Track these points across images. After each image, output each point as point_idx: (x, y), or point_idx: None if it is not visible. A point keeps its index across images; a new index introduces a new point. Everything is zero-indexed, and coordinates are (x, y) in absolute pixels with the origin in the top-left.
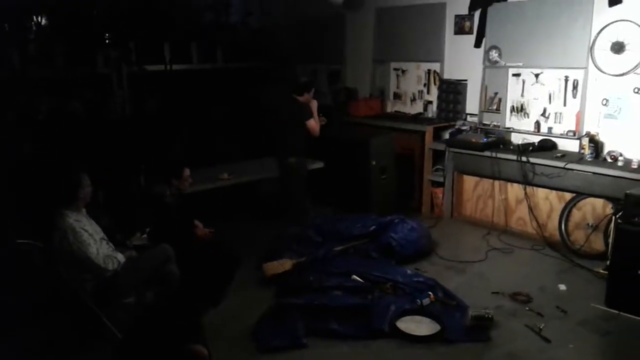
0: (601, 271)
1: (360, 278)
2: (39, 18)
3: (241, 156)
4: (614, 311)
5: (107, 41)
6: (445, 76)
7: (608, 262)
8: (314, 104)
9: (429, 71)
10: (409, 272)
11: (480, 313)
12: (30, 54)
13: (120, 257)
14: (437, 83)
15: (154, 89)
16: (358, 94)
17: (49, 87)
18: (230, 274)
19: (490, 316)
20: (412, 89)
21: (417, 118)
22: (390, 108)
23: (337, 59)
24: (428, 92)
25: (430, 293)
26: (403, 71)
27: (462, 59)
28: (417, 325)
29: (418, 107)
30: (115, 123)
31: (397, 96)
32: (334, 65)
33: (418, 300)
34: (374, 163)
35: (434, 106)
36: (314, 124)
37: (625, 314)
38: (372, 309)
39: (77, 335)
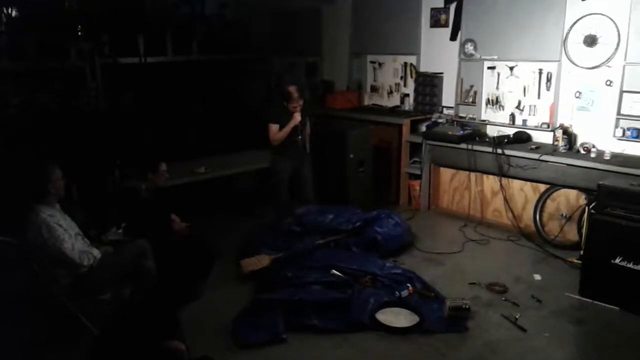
0: (575, 261)
1: (340, 272)
2: (10, 9)
3: (218, 150)
4: (587, 300)
5: (79, 33)
6: (422, 69)
7: (581, 252)
8: (295, 118)
9: (405, 64)
10: (387, 264)
11: (457, 304)
12: (0, 46)
13: (96, 253)
14: (414, 76)
15: (128, 82)
16: (335, 86)
17: (20, 80)
18: (208, 268)
19: (467, 307)
20: (389, 82)
21: (394, 111)
22: (367, 101)
23: (314, 52)
24: (405, 85)
25: (408, 285)
26: (380, 64)
27: (438, 52)
28: (396, 317)
29: (395, 100)
30: (89, 116)
31: (374, 89)
32: (311, 58)
33: (397, 292)
34: (351, 156)
35: (411, 99)
36: (272, 129)
37: (599, 303)
38: (352, 302)
39: (52, 332)
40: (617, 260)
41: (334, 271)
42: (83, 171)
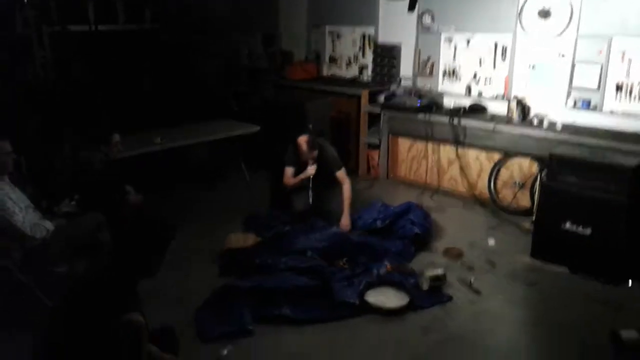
0: (527, 226)
1: (317, 254)
2: None
3: (174, 121)
4: (538, 263)
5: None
6: (380, 40)
7: (533, 218)
8: (308, 171)
9: (363, 35)
10: (356, 240)
11: (435, 273)
12: None
13: (49, 225)
14: (372, 47)
15: (78, 51)
16: (294, 57)
17: None
18: (165, 242)
19: (443, 274)
20: (348, 53)
21: (353, 82)
22: (326, 72)
23: (272, 21)
24: (363, 56)
25: (386, 262)
26: (338, 35)
27: (396, 23)
28: (386, 297)
29: (353, 71)
30: (38, 86)
31: (332, 60)
32: (269, 28)
33: (375, 270)
34: (310, 126)
35: (369, 70)
36: (286, 172)
37: (549, 265)
38: (334, 285)
39: (6, 307)
40: (567, 225)
41: (310, 253)
42: (32, 143)
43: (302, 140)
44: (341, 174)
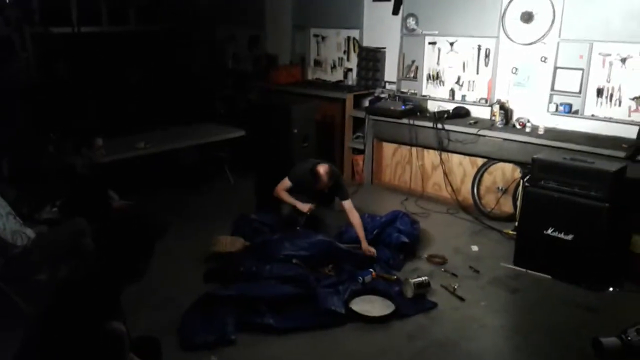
0: (510, 232)
1: (302, 261)
2: None
3: (160, 124)
4: (521, 269)
5: (6, 0)
6: (365, 43)
7: (516, 224)
8: (303, 207)
9: (348, 38)
10: (344, 247)
11: (419, 280)
12: None
13: (30, 233)
14: (357, 50)
15: (61, 53)
16: (279, 60)
17: None
18: (148, 248)
19: (427, 281)
20: (333, 56)
21: (338, 85)
22: (310, 75)
23: (256, 23)
24: (348, 60)
25: (371, 270)
26: (323, 38)
27: (381, 27)
28: (371, 306)
29: (338, 75)
30: (20, 88)
31: (317, 63)
32: (253, 30)
33: (360, 278)
34: (295, 131)
35: (354, 74)
36: (283, 182)
37: (532, 272)
38: (319, 292)
39: None
40: (549, 231)
41: (296, 261)
42: (14, 146)
43: (323, 169)
44: (348, 204)
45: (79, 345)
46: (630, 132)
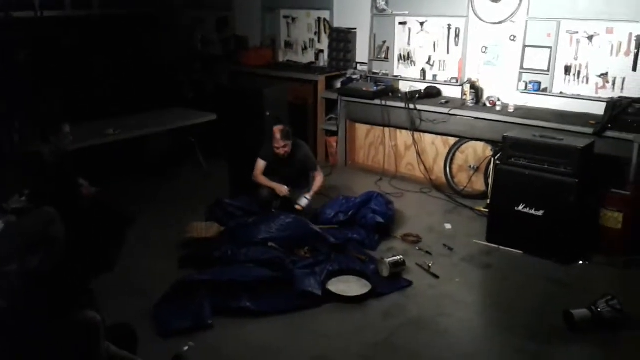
0: (482, 209)
1: (278, 245)
2: None
3: (127, 110)
4: (493, 246)
5: None
6: (335, 24)
7: (488, 201)
8: (280, 189)
9: (319, 19)
10: (317, 229)
11: (395, 260)
12: None
13: None
14: (328, 31)
15: (23, 38)
16: (249, 42)
17: None
18: (121, 234)
19: (402, 260)
20: (303, 38)
21: (309, 67)
22: (282, 57)
23: (225, 5)
24: (319, 41)
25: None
26: (293, 19)
27: (351, 7)
28: (347, 286)
29: (310, 56)
30: None
31: (288, 45)
32: (222, 12)
33: (336, 258)
34: (268, 113)
35: (325, 55)
36: (257, 165)
37: (504, 248)
38: (295, 274)
39: None
40: (520, 207)
41: (272, 244)
42: None
43: (277, 129)
44: (318, 173)
45: (52, 335)
46: (597, 109)
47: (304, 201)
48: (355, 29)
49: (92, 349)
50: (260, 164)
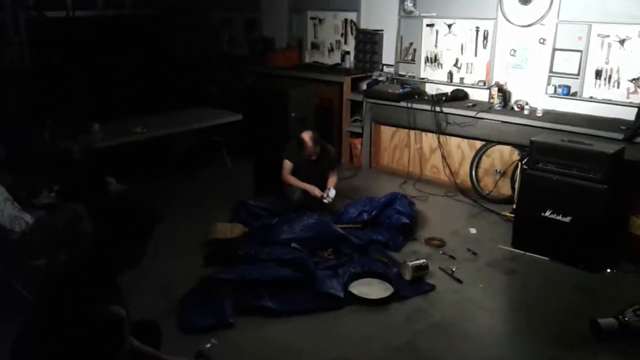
0: (508, 214)
1: (301, 246)
2: None
3: (156, 108)
4: (519, 251)
5: None
6: (362, 26)
7: (514, 206)
8: (313, 190)
9: (345, 20)
10: (340, 231)
11: (418, 263)
12: None
13: (28, 218)
14: (354, 33)
15: (56, 37)
16: (275, 44)
17: None
18: (148, 230)
19: (426, 264)
20: (330, 39)
21: (335, 69)
22: (308, 58)
23: (253, 6)
24: (345, 42)
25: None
26: (320, 20)
27: (379, 9)
28: (370, 288)
29: (336, 58)
30: (15, 73)
31: (314, 46)
32: (249, 13)
33: (359, 261)
34: (293, 115)
35: (352, 56)
36: (284, 166)
37: (529, 254)
38: (318, 275)
39: None
40: (547, 213)
41: (294, 244)
42: (10, 132)
43: (307, 136)
44: (333, 174)
45: (78, 330)
46: (628, 114)
47: (332, 192)
48: (382, 30)
49: (116, 343)
50: (287, 164)
